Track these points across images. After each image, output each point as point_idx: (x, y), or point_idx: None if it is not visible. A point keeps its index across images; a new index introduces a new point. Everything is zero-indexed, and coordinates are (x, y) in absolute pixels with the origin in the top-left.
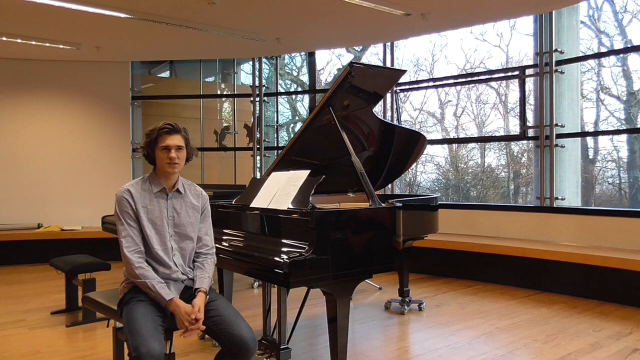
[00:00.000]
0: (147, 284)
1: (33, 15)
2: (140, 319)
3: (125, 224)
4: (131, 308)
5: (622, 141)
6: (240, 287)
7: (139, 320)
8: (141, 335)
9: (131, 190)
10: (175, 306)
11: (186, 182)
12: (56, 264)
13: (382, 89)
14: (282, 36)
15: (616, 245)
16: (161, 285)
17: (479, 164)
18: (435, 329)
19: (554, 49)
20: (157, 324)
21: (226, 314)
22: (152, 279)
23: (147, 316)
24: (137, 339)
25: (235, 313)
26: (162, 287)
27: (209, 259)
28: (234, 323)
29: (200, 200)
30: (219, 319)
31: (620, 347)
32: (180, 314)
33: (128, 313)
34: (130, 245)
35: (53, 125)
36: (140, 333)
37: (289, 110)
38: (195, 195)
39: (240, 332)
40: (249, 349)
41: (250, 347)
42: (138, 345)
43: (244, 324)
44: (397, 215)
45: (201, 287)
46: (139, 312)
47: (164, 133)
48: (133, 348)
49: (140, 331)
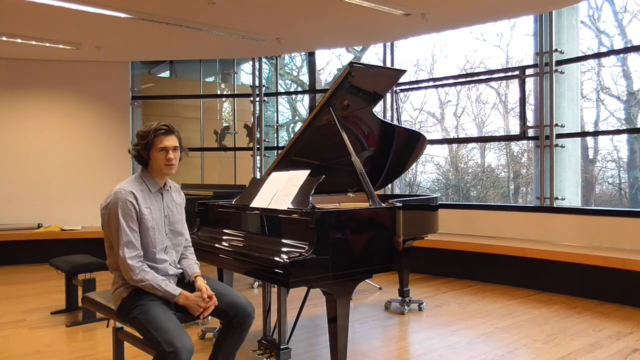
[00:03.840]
0: (152, 285)
1: (33, 15)
2: (162, 316)
3: (127, 228)
4: (147, 308)
5: (622, 141)
6: (240, 287)
7: (162, 317)
8: (170, 331)
9: (134, 192)
10: (185, 298)
11: (169, 180)
12: (56, 264)
13: (382, 89)
14: (282, 36)
15: (616, 245)
16: (165, 282)
17: (479, 164)
18: (435, 329)
19: (554, 49)
20: (177, 322)
21: (221, 288)
22: (155, 279)
23: (166, 314)
24: (169, 335)
25: (227, 286)
26: (167, 285)
27: (189, 249)
28: (231, 293)
29: (181, 197)
30: (217, 293)
31: (620, 347)
32: (193, 301)
33: (145, 313)
34: (132, 251)
35: (53, 125)
36: (168, 329)
37: (289, 110)
38: (177, 192)
39: (239, 300)
40: (249, 312)
41: (249, 310)
42: (172, 340)
43: (239, 294)
44: (397, 215)
45: (195, 272)
46: (157, 311)
47: (161, 134)
48: (167, 344)
49: (168, 327)
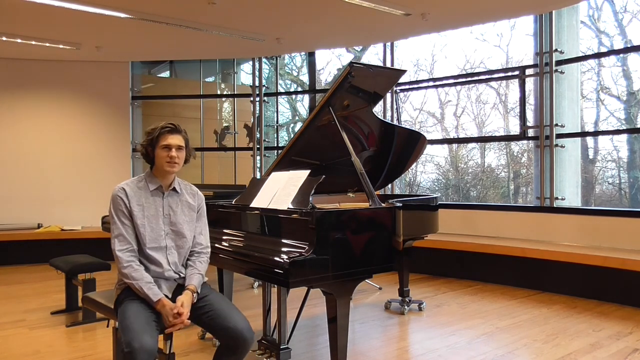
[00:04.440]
0: (134, 285)
1: (33, 15)
2: (132, 315)
3: (118, 222)
4: (125, 306)
5: (622, 141)
6: (240, 287)
7: (131, 317)
8: (133, 330)
9: (126, 189)
10: (162, 305)
11: (182, 182)
12: (56, 264)
13: (382, 89)
14: (282, 36)
15: (616, 245)
16: (149, 285)
17: (479, 164)
18: (435, 329)
19: (554, 49)
20: (151, 320)
21: (220, 308)
22: (139, 280)
23: (139, 313)
24: (129, 335)
25: (229, 306)
26: (149, 288)
27: (201, 257)
28: (228, 315)
29: (196, 200)
30: (214, 314)
31: (620, 347)
32: (165, 312)
33: (121, 312)
34: (123, 244)
35: (53, 125)
36: (132, 329)
37: (289, 110)
38: (191, 194)
39: (235, 324)
40: (246, 339)
41: (246, 337)
42: (130, 341)
43: (239, 315)
44: (397, 215)
45: (189, 285)
46: (131, 310)
47: (166, 132)
48: (126, 344)
49: (132, 327)
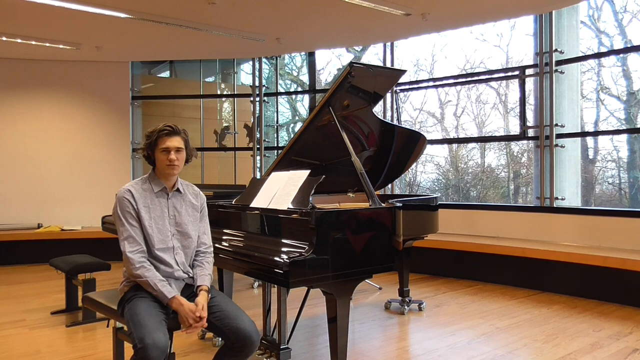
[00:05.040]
0: (148, 283)
1: (33, 15)
2: (144, 312)
3: (127, 224)
4: (134, 304)
5: (622, 141)
6: (240, 287)
7: (143, 314)
8: (146, 327)
9: (132, 191)
10: (179, 304)
11: (184, 182)
12: (56, 264)
13: (382, 89)
14: (282, 36)
15: (616, 245)
16: (163, 283)
17: (479, 164)
18: (435, 329)
19: (554, 49)
20: (161, 318)
21: (228, 309)
22: (153, 278)
23: (150, 310)
24: (142, 331)
25: (236, 307)
26: (163, 285)
27: (207, 257)
28: (237, 317)
29: (199, 200)
30: (222, 314)
31: (620, 347)
32: (184, 312)
33: (131, 308)
34: (133, 246)
35: (53, 125)
36: (144, 325)
37: (289, 110)
38: (193, 195)
39: (244, 326)
40: (253, 341)
41: (254, 339)
42: (143, 337)
43: (246, 317)
44: (397, 215)
45: (203, 285)
46: (142, 307)
47: (164, 135)
48: (138, 340)
49: (144, 323)
